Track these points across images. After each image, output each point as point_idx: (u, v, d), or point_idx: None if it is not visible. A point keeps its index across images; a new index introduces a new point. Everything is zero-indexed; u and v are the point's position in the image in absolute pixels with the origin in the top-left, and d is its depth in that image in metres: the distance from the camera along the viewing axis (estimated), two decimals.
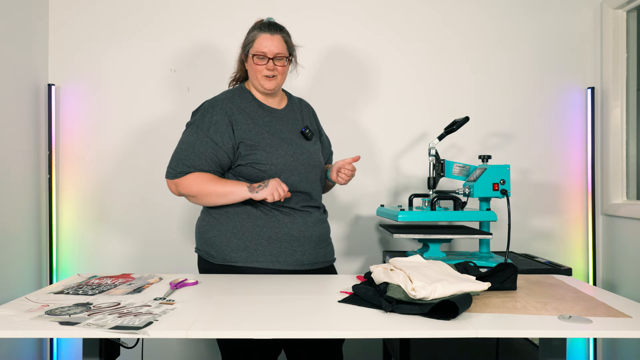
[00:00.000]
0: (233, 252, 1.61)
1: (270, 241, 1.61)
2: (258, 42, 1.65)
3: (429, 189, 1.97)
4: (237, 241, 1.61)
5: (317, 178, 1.73)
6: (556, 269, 1.88)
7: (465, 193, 1.93)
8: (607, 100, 2.44)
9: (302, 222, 1.66)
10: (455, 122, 1.98)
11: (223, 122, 1.62)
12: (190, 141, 1.64)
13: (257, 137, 1.63)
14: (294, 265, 1.64)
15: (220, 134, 1.61)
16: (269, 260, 1.61)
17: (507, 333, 1.07)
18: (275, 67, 1.66)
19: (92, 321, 1.07)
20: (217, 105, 1.66)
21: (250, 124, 1.65)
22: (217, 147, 1.61)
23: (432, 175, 1.97)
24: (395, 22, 2.48)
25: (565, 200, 2.49)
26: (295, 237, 1.64)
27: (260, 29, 1.67)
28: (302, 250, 1.65)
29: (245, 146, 1.62)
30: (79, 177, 2.42)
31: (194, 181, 1.62)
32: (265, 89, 1.68)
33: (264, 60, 1.65)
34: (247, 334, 1.06)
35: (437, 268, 1.32)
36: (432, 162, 1.96)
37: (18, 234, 2.20)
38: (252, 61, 1.66)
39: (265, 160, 1.61)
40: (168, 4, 2.44)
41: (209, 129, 1.62)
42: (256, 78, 1.67)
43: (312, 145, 1.74)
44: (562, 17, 2.50)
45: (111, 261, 2.42)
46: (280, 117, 1.72)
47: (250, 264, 1.60)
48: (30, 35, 2.29)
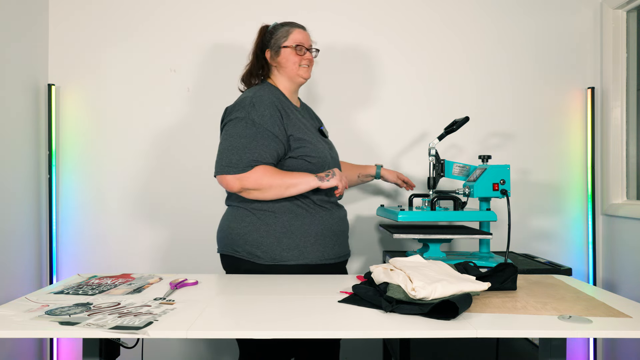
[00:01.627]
0: (284, 252, 1.64)
1: (317, 237, 1.68)
2: (294, 35, 1.77)
3: (428, 189, 1.98)
4: (288, 240, 1.64)
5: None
6: (556, 269, 1.88)
7: (465, 193, 1.93)
8: (607, 100, 2.44)
9: (337, 216, 1.75)
10: (455, 122, 1.98)
11: (276, 115, 1.66)
12: (250, 135, 1.61)
13: (302, 131, 1.70)
14: (334, 259, 1.72)
15: (277, 127, 1.65)
16: (316, 256, 1.67)
17: (507, 333, 1.07)
18: (311, 58, 1.80)
19: (92, 321, 1.07)
20: (265, 99, 1.67)
21: (294, 118, 1.71)
22: (277, 140, 1.64)
23: (432, 175, 1.97)
24: (395, 22, 2.48)
25: (565, 200, 2.49)
26: (334, 231, 1.72)
27: (290, 25, 1.79)
28: (339, 243, 1.75)
29: (294, 139, 1.67)
30: (79, 177, 2.42)
31: (262, 174, 1.59)
32: (304, 78, 1.79)
33: (302, 50, 1.77)
34: (247, 334, 1.06)
35: (437, 268, 1.32)
36: (432, 162, 1.97)
37: (18, 234, 2.20)
38: (292, 52, 1.75)
39: (314, 154, 1.68)
40: (168, 3, 2.44)
41: (266, 122, 1.63)
42: (295, 68, 1.77)
43: (329, 143, 1.86)
44: (562, 17, 2.50)
45: (111, 261, 2.42)
46: (302, 114, 1.81)
47: (302, 261, 1.65)
48: (30, 35, 2.29)
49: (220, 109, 1.82)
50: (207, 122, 2.40)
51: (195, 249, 2.42)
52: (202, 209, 2.42)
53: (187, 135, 2.43)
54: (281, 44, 1.76)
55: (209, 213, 2.43)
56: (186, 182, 2.44)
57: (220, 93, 2.42)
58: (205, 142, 2.40)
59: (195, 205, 2.43)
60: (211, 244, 2.44)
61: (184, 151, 2.44)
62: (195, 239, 2.43)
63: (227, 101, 2.52)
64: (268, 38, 1.80)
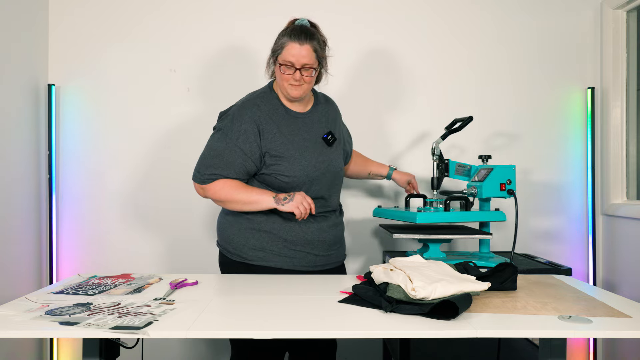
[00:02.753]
0: (250, 251, 1.67)
1: (286, 244, 1.67)
2: (287, 50, 1.61)
3: (432, 189, 1.96)
4: (255, 241, 1.67)
5: (336, 184, 1.77)
6: (556, 269, 1.88)
7: (472, 193, 1.91)
8: (607, 100, 2.44)
9: (317, 227, 1.70)
10: (456, 120, 1.97)
11: (252, 131, 1.63)
12: (219, 148, 1.65)
13: (281, 147, 1.65)
14: (306, 267, 1.69)
15: (249, 144, 1.63)
16: (282, 261, 1.67)
17: (507, 333, 1.07)
18: (301, 77, 1.62)
19: (92, 321, 1.07)
20: (246, 113, 1.65)
21: (277, 133, 1.65)
22: (245, 157, 1.63)
23: (436, 175, 1.95)
24: (396, 23, 2.48)
25: (565, 200, 2.49)
26: (309, 240, 1.69)
27: (290, 36, 1.61)
28: (315, 253, 1.70)
29: (270, 156, 1.65)
30: (79, 177, 2.42)
31: (221, 188, 1.64)
32: (291, 97, 1.66)
33: (291, 69, 1.62)
34: (246, 334, 1.06)
35: (437, 268, 1.32)
36: (435, 162, 1.95)
37: (18, 234, 2.20)
38: (279, 69, 1.64)
39: (288, 172, 1.64)
40: (168, 3, 2.44)
41: (238, 138, 1.63)
42: (283, 85, 1.66)
43: (333, 151, 1.75)
44: (562, 17, 2.50)
45: (111, 261, 2.42)
46: (304, 121, 1.73)
47: (266, 263, 1.66)
48: (30, 35, 2.29)
49: (220, 108, 1.82)
50: (207, 122, 2.40)
51: (196, 249, 2.42)
52: (202, 208, 2.42)
53: (187, 135, 2.43)
54: (277, 56, 1.65)
55: (208, 213, 2.44)
56: (186, 182, 2.42)
57: (220, 93, 2.42)
58: (204, 142, 2.39)
59: (195, 205, 2.43)
60: (211, 243, 2.45)
61: (184, 151, 2.43)
62: (196, 239, 2.43)
63: (227, 101, 2.52)
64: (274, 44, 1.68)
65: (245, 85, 2.42)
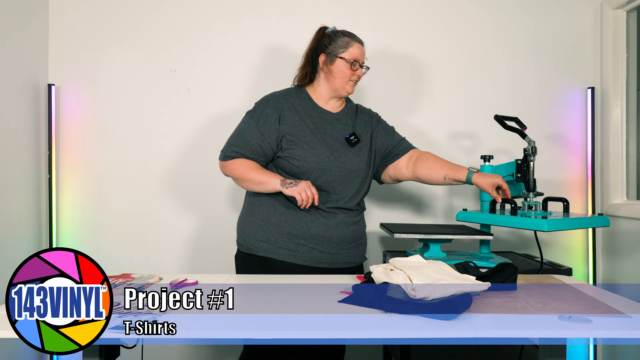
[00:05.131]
0: (256, 243, 1.73)
1: (290, 237, 1.71)
2: (353, 49, 1.75)
3: (528, 192, 1.83)
4: (262, 233, 1.73)
5: (351, 183, 1.77)
6: (556, 269, 1.88)
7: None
8: (607, 100, 2.44)
9: (323, 223, 1.72)
10: (502, 117, 1.94)
11: (273, 115, 1.74)
12: (241, 129, 1.78)
13: (299, 133, 1.73)
14: (310, 262, 1.71)
15: (267, 126, 1.73)
16: (285, 254, 1.70)
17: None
18: (361, 74, 1.79)
19: None
20: (272, 100, 1.78)
21: (297, 120, 1.75)
22: (262, 138, 1.73)
23: (532, 177, 1.83)
24: (391, 23, 2.47)
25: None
26: (313, 235, 1.71)
27: (352, 37, 1.77)
28: (320, 249, 1.72)
29: (286, 140, 1.72)
30: (79, 177, 2.42)
31: (237, 166, 1.75)
32: (348, 93, 1.80)
33: (356, 66, 1.76)
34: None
35: (437, 268, 1.32)
36: (532, 161, 1.84)
37: (18, 234, 2.20)
38: (347, 66, 1.75)
39: (300, 157, 1.70)
40: (168, 3, 2.44)
41: (259, 120, 1.75)
42: (344, 82, 1.77)
43: (354, 151, 1.79)
44: (562, 17, 2.50)
45: (111, 261, 2.42)
46: (332, 120, 1.80)
47: (269, 255, 1.70)
48: (30, 35, 2.29)
49: (220, 108, 1.83)
50: (206, 122, 2.40)
51: (196, 249, 2.42)
52: (203, 208, 2.42)
53: (186, 135, 2.43)
54: (339, 54, 1.75)
55: (209, 213, 2.43)
56: (186, 182, 2.44)
57: (220, 93, 2.42)
58: (204, 142, 2.40)
59: (195, 205, 2.43)
60: (212, 243, 2.45)
61: (184, 151, 2.44)
62: (196, 239, 2.43)
63: (227, 101, 2.52)
64: (326, 43, 1.77)
65: (245, 85, 2.44)
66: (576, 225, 1.79)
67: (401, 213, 2.49)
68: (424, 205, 2.50)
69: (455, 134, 2.47)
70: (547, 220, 1.66)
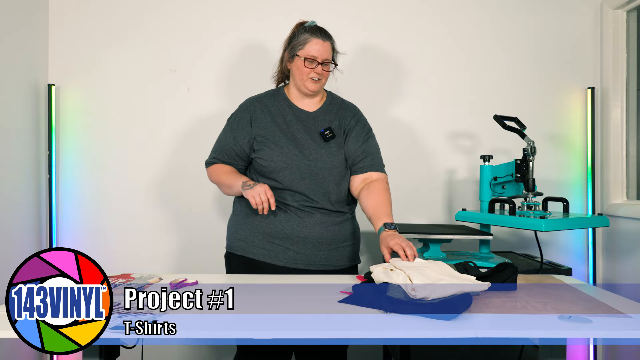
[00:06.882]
0: (236, 242, 1.74)
1: (265, 236, 1.70)
2: (310, 45, 1.70)
3: (527, 191, 1.84)
4: (241, 232, 1.73)
5: (323, 181, 1.69)
6: (556, 269, 1.88)
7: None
8: (607, 100, 2.44)
9: (297, 222, 1.68)
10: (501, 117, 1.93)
11: (245, 118, 1.76)
12: (220, 136, 1.81)
13: (269, 134, 1.72)
14: (286, 263, 1.67)
15: (239, 130, 1.75)
16: (261, 253, 1.69)
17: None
18: (322, 72, 1.72)
19: None
20: (245, 104, 1.80)
21: (269, 121, 1.74)
22: (235, 142, 1.75)
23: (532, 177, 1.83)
24: (392, 22, 2.47)
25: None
26: (287, 235, 1.68)
27: (312, 33, 1.70)
28: (295, 249, 1.68)
29: (257, 142, 1.72)
30: (79, 177, 2.42)
31: (214, 171, 1.79)
32: (310, 91, 1.74)
33: (314, 64, 1.70)
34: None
35: (437, 268, 1.32)
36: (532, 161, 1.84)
37: (18, 234, 2.20)
38: (302, 63, 1.70)
39: (267, 157, 1.69)
40: (167, 3, 2.44)
41: (232, 125, 1.78)
42: (302, 79, 1.72)
43: (328, 149, 1.71)
44: (562, 17, 2.50)
45: (111, 261, 2.41)
46: (306, 119, 1.76)
47: (247, 254, 1.70)
48: (30, 35, 2.29)
49: (220, 108, 1.83)
50: (207, 122, 2.40)
51: (196, 249, 2.42)
52: (203, 208, 2.42)
53: (186, 135, 2.43)
54: (296, 51, 1.71)
55: (209, 212, 2.43)
56: (186, 182, 2.44)
57: (220, 93, 2.42)
58: (204, 142, 2.39)
59: (195, 204, 2.43)
60: (211, 243, 2.44)
61: (184, 151, 2.44)
62: (196, 238, 2.43)
63: (227, 101, 2.52)
64: (291, 40, 1.74)
65: (245, 85, 2.43)
66: (575, 225, 1.79)
67: (401, 213, 2.49)
68: (423, 205, 2.50)
69: (455, 133, 2.47)
70: (545, 220, 1.67)
